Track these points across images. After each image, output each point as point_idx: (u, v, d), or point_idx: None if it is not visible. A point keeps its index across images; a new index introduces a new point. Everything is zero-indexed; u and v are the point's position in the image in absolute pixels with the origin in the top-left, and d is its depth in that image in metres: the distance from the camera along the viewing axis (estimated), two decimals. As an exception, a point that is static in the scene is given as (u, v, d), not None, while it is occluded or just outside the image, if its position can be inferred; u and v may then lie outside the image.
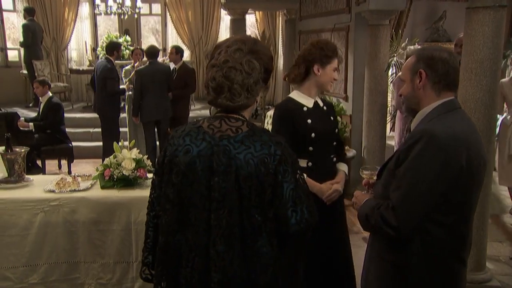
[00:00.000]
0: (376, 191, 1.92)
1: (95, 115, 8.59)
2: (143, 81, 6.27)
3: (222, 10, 10.16)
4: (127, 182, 3.11)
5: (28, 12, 8.92)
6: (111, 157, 3.14)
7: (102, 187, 3.11)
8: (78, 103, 9.72)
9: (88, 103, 9.49)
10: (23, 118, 6.30)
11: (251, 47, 1.64)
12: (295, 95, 2.68)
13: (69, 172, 6.81)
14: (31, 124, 6.18)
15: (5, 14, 10.16)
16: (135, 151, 3.18)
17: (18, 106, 8.85)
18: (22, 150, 3.23)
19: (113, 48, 6.63)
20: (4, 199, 2.98)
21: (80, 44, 10.31)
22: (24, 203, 2.98)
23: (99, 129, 8.19)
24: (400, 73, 2.55)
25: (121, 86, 6.80)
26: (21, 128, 6.10)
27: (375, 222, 1.74)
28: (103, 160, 6.85)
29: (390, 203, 1.70)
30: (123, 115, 7.13)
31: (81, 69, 9.23)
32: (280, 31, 9.33)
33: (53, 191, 3.04)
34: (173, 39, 10.32)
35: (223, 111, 1.66)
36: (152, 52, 6.40)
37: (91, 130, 8.21)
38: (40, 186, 3.16)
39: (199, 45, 10.29)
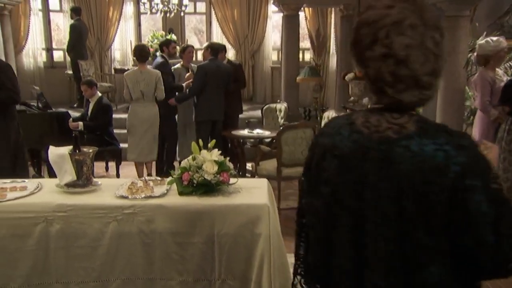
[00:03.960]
0: None
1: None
2: (206, 77, 5.97)
3: (269, 7, 9.80)
4: (208, 188, 2.73)
5: (75, 12, 8.78)
6: (190, 159, 2.77)
7: (180, 193, 2.74)
8: (121, 103, 9.50)
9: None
10: (71, 119, 6.07)
11: (428, 18, 1.20)
12: None
13: (118, 175, 6.55)
14: (80, 123, 5.94)
15: (51, 14, 10.10)
16: (216, 152, 2.80)
17: (62, 107, 8.69)
18: (90, 151, 2.90)
19: (163, 44, 6.41)
20: (73, 205, 2.65)
21: (123, 44, 10.12)
22: (95, 210, 2.64)
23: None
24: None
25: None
26: (71, 129, 5.85)
27: None
28: (157, 163, 6.68)
29: None
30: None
31: (126, 68, 9.00)
32: (333, 29, 8.87)
33: (125, 197, 2.69)
34: (218, 38, 9.99)
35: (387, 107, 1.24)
36: (217, 48, 6.12)
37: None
38: (109, 190, 2.82)
39: (244, 44, 9.94)
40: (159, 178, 3.03)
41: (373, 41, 1.17)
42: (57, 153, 2.79)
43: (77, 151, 2.81)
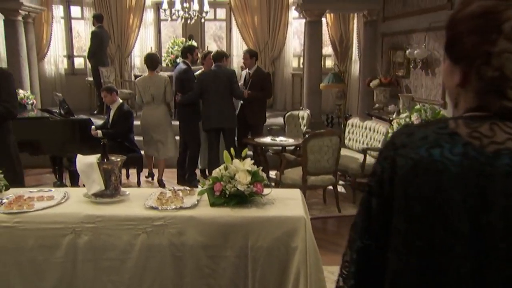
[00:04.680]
0: None
1: (161, 122, 8.33)
2: (202, 86, 5.98)
3: (290, 14, 9.70)
4: (241, 199, 2.62)
5: (97, 19, 8.80)
6: (222, 168, 2.66)
7: (212, 205, 2.63)
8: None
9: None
10: (93, 127, 6.02)
11: None
12: None
13: (138, 183, 6.49)
14: (99, 132, 5.88)
15: (73, 22, 10.16)
16: (248, 161, 2.69)
17: (83, 113, 8.70)
18: (119, 159, 2.81)
19: (188, 50, 6.34)
20: (102, 216, 2.56)
21: (143, 51, 10.09)
22: (124, 221, 2.54)
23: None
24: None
25: None
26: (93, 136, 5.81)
27: None
28: (178, 170, 6.61)
29: None
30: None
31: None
32: (355, 35, 8.73)
33: (155, 208, 2.59)
34: (238, 44, 9.94)
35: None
36: (219, 55, 6.09)
37: (158, 138, 7.87)
38: (138, 201, 2.72)
39: (265, 51, 9.84)
40: (188, 188, 2.93)
41: (497, 35, 1.03)
42: (85, 161, 2.71)
43: (105, 160, 2.73)
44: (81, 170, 2.72)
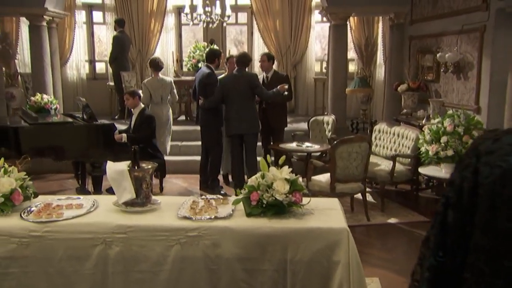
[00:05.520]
0: None
1: (183, 127, 8.25)
2: (224, 90, 5.83)
3: (312, 17, 9.56)
4: (279, 209, 2.48)
5: (119, 24, 8.79)
6: (259, 176, 2.53)
7: (248, 215, 2.49)
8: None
9: (173, 115, 9.14)
10: (117, 131, 5.95)
11: None
12: None
13: (161, 189, 6.39)
14: (124, 135, 5.81)
15: (94, 27, 10.18)
16: (286, 169, 2.55)
17: (104, 118, 8.67)
18: (150, 166, 2.70)
19: (214, 55, 6.22)
20: (133, 226, 2.44)
21: (164, 55, 10.05)
22: (156, 232, 2.43)
23: (188, 143, 7.85)
24: None
25: None
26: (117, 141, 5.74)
27: None
28: (201, 176, 6.50)
29: None
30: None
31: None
32: (380, 38, 8.55)
33: (189, 218, 2.47)
34: (259, 49, 9.82)
35: None
36: (243, 60, 5.91)
37: (179, 143, 7.80)
38: (170, 210, 2.61)
39: (286, 55, 9.71)
40: (221, 197, 2.80)
41: None
42: (116, 169, 2.60)
43: (136, 167, 2.62)
44: (112, 178, 2.61)
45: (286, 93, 5.91)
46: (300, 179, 2.56)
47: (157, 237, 2.41)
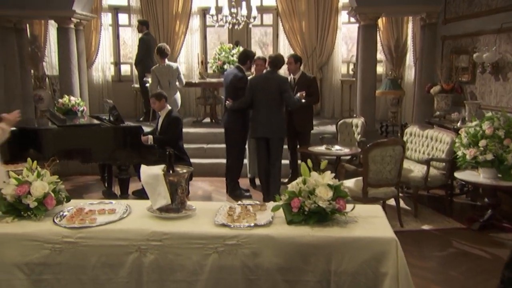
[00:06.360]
0: None
1: (208, 130, 8.17)
2: (253, 92, 5.68)
3: (339, 18, 9.38)
4: (321, 217, 2.35)
5: (144, 24, 8.80)
6: (300, 181, 2.40)
7: (289, 223, 2.37)
8: (186, 117, 9.37)
9: (198, 118, 9.09)
10: (144, 133, 5.90)
11: None
12: None
13: (187, 192, 6.31)
14: (150, 137, 5.74)
15: (120, 29, 10.22)
16: (328, 174, 2.41)
17: (129, 120, 8.66)
18: (185, 171, 2.59)
19: (247, 57, 6.12)
20: (169, 233, 2.34)
21: (189, 57, 10.03)
22: (193, 240, 2.32)
23: (214, 145, 7.77)
24: None
25: None
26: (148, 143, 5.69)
27: None
28: (226, 179, 6.41)
29: None
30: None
31: (195, 81, 8.87)
32: (411, 39, 8.32)
33: (227, 226, 2.36)
34: (285, 50, 9.67)
35: None
36: (276, 62, 5.76)
37: (204, 146, 7.73)
38: (206, 216, 2.50)
39: (312, 57, 9.56)
40: (258, 203, 2.68)
41: None
42: (150, 173, 2.50)
43: (171, 171, 2.51)
44: (146, 182, 2.51)
45: (303, 100, 5.80)
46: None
47: (193, 245, 2.31)
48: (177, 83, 7.32)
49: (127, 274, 2.33)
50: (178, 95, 7.45)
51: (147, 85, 7.85)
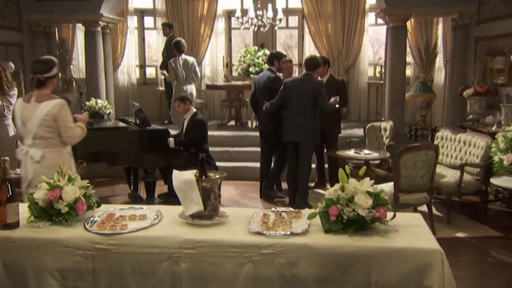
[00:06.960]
0: None
1: (233, 133, 8.12)
2: (287, 94, 5.54)
3: (366, 20, 9.23)
4: (360, 226, 2.24)
5: (169, 26, 8.83)
6: (338, 189, 2.30)
7: (327, 231, 2.27)
8: (211, 120, 9.35)
9: (222, 121, 9.04)
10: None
11: None
12: None
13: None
14: (171, 140, 5.68)
15: (145, 32, 10.28)
16: (368, 181, 2.31)
17: (153, 123, 8.65)
18: (218, 176, 2.52)
19: (274, 57, 6.04)
20: (202, 241, 2.27)
21: (213, 60, 10.01)
22: (228, 248, 2.24)
23: (239, 148, 7.71)
24: None
25: None
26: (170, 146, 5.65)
27: None
28: (261, 184, 6.33)
29: None
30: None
31: (220, 84, 8.84)
32: (441, 40, 8.11)
33: (262, 234, 2.27)
34: (311, 52, 9.48)
35: None
36: (312, 64, 5.62)
37: (229, 149, 7.67)
38: (239, 223, 2.42)
39: (338, 59, 9.43)
40: (293, 210, 2.59)
41: None
42: (183, 178, 2.44)
43: (204, 176, 2.44)
44: (178, 188, 2.45)
45: (337, 106, 5.65)
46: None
47: (228, 253, 2.23)
48: (192, 75, 7.85)
49: (159, 282, 2.26)
50: (193, 87, 7.97)
51: (163, 77, 8.65)
